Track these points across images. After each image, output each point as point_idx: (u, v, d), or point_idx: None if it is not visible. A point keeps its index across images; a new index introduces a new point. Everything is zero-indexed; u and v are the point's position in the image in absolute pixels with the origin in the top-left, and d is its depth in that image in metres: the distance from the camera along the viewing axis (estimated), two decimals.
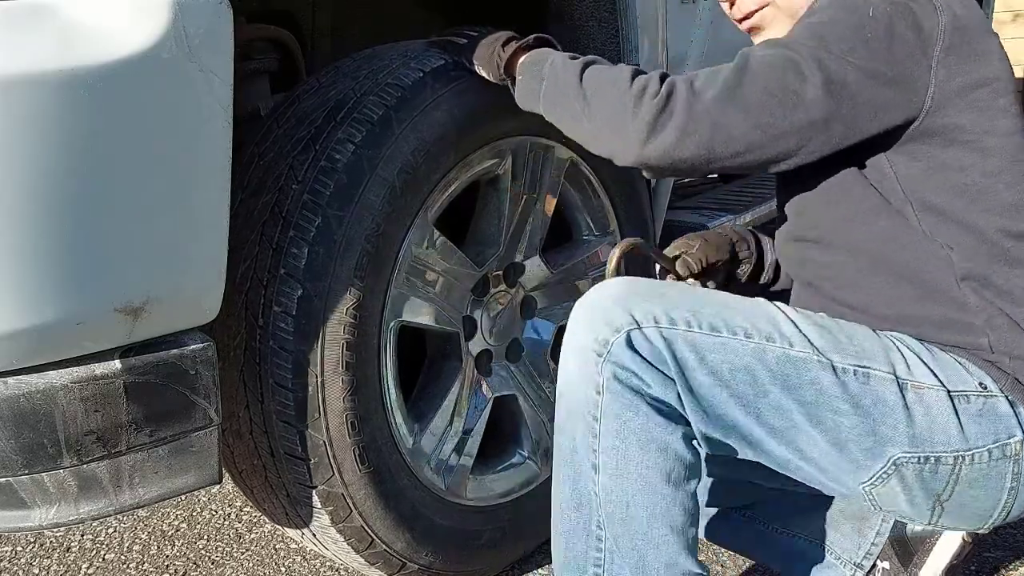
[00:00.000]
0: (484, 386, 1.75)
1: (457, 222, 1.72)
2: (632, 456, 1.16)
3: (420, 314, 1.57)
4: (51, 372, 1.13)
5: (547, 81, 1.36)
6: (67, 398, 1.13)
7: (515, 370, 1.82)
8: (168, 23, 1.10)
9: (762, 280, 1.62)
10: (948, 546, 1.45)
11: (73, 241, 1.08)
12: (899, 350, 1.21)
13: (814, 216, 1.34)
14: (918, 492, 1.20)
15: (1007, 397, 1.19)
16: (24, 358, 1.11)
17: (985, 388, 1.19)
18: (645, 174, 1.31)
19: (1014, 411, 1.19)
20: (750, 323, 1.18)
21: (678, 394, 1.16)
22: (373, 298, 1.46)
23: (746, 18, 1.41)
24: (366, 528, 1.51)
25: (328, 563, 1.86)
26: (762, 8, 1.38)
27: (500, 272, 1.75)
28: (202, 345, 1.22)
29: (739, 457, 1.24)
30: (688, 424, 1.19)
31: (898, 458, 1.17)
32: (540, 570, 1.85)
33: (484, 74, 1.48)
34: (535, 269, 1.80)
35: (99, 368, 1.15)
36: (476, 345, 1.73)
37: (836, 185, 1.29)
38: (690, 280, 1.51)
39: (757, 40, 1.40)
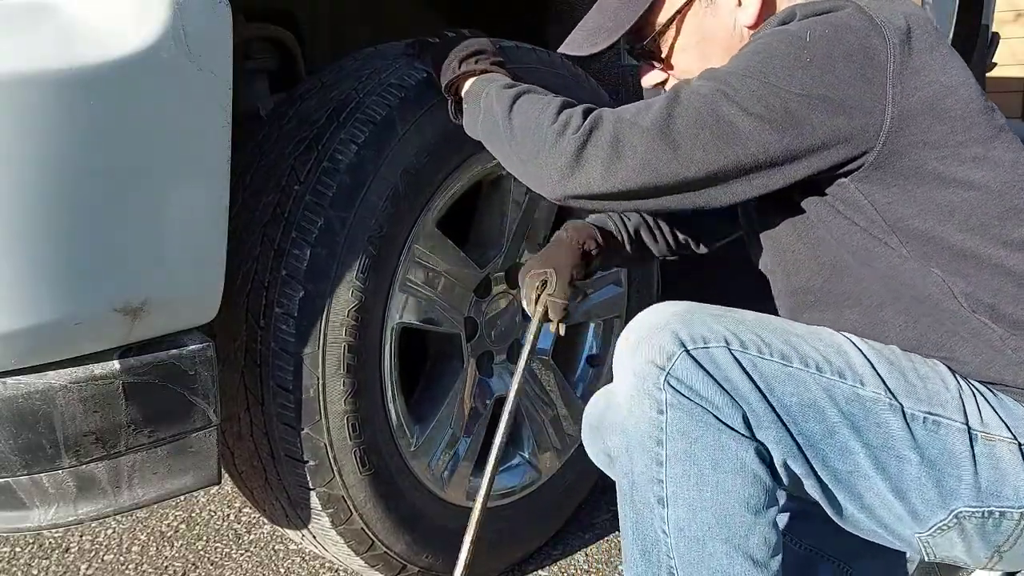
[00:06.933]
0: (485, 387, 1.75)
1: (459, 223, 1.71)
2: (707, 479, 1.06)
3: (422, 315, 1.57)
4: (50, 372, 1.13)
5: (483, 114, 1.31)
6: (66, 399, 1.13)
7: None
8: (167, 22, 1.09)
9: (629, 252, 1.51)
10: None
11: (72, 241, 1.07)
12: (974, 396, 1.12)
13: (804, 272, 1.23)
14: (977, 543, 1.12)
15: None
16: (23, 358, 1.11)
17: None
18: (572, 203, 1.21)
19: None
20: (821, 355, 1.10)
21: (745, 418, 1.07)
22: (375, 300, 1.45)
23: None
24: (367, 530, 1.51)
25: (327, 564, 1.85)
26: (665, 82, 1.32)
27: (502, 273, 1.74)
28: (201, 345, 1.22)
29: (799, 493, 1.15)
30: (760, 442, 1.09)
31: (960, 511, 1.10)
32: (540, 571, 1.85)
33: (439, 81, 1.43)
34: None
35: (98, 368, 1.15)
36: (478, 346, 1.73)
37: (812, 228, 1.20)
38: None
39: None
